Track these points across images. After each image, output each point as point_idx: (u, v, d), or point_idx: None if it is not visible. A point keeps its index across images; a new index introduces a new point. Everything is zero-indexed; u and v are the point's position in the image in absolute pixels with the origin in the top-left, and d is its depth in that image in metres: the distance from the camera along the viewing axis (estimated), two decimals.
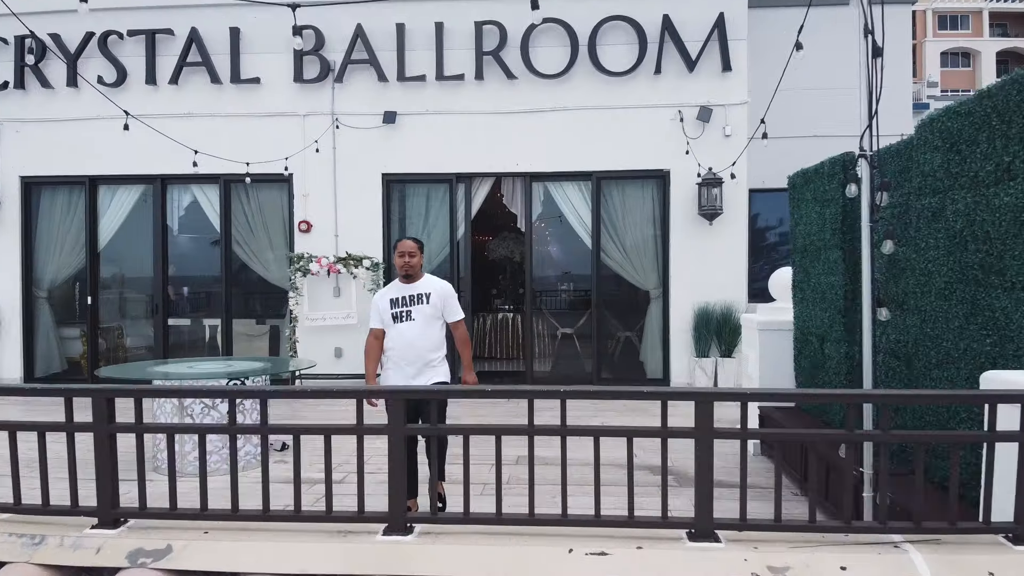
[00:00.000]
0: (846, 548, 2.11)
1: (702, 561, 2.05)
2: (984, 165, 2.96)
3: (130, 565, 2.14)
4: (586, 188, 8.62)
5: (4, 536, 2.27)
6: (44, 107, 8.98)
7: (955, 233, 3.18)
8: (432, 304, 4.20)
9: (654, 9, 8.26)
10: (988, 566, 2.04)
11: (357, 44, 8.51)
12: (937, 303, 3.36)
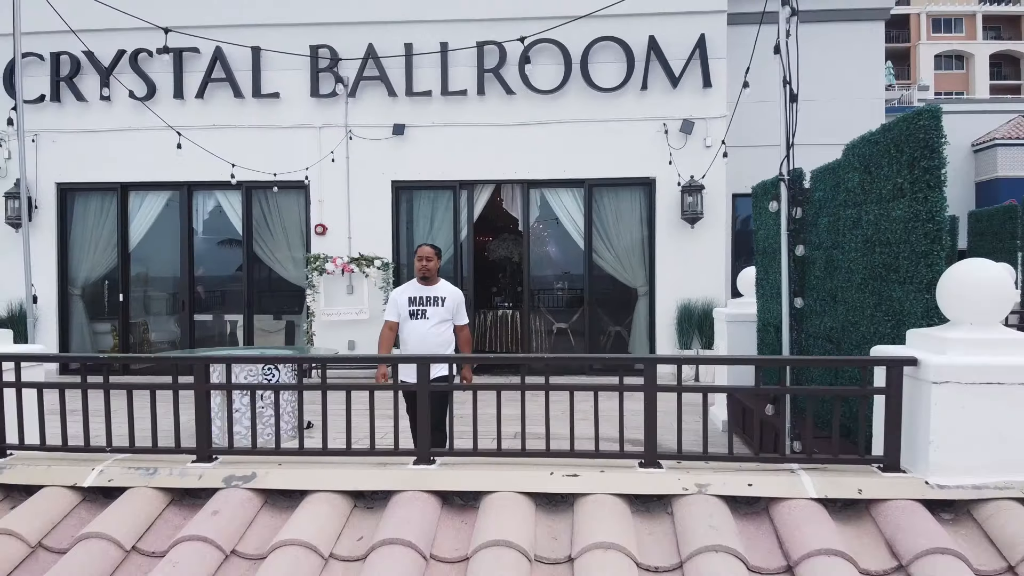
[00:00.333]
0: (755, 472, 2.86)
1: (647, 480, 2.81)
2: (885, 184, 3.71)
3: (225, 486, 2.89)
4: (579, 194, 9.38)
5: (126, 468, 3.03)
6: (78, 119, 9.74)
7: (867, 239, 3.93)
8: (446, 307, 4.95)
9: (641, 30, 9.02)
10: (858, 485, 2.79)
11: (369, 62, 9.27)
12: (856, 295, 4.11)
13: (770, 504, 2.76)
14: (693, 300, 9.01)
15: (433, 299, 4.96)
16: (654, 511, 2.77)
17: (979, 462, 2.76)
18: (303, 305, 9.68)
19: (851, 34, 11.28)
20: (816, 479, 2.83)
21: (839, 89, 11.26)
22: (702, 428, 3.04)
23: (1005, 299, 2.87)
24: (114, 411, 3.16)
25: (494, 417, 3.05)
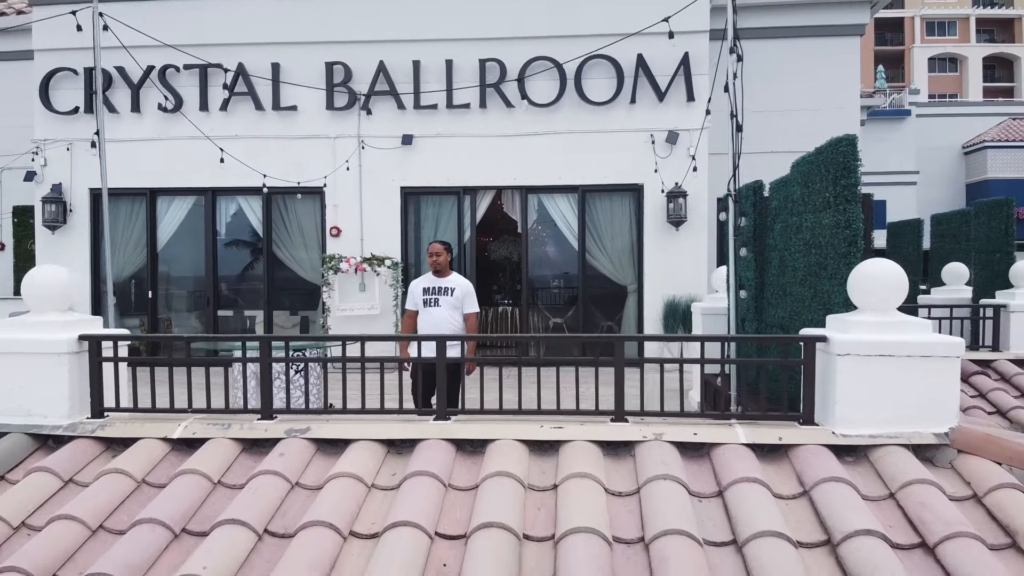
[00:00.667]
0: (701, 425, 3.66)
1: (616, 430, 3.60)
2: (818, 197, 4.50)
3: (287, 436, 3.69)
4: (573, 199, 10.17)
5: (205, 424, 3.82)
6: (110, 129, 10.49)
7: (806, 242, 4.72)
8: (456, 296, 5.75)
9: (630, 49, 9.81)
10: (779, 434, 3.59)
11: (380, 78, 10.06)
12: (799, 289, 4.90)
13: (711, 448, 3.55)
14: (678, 296, 9.80)
15: (445, 289, 5.76)
16: (620, 454, 3.56)
17: (874, 417, 3.56)
18: (317, 302, 10.47)
19: (828, 48, 12.08)
20: (747, 430, 3.63)
21: (818, 99, 12.06)
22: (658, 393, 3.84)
23: (898, 290, 3.67)
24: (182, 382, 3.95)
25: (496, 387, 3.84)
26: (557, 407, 3.77)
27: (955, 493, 3.24)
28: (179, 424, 3.83)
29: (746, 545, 2.89)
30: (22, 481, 3.49)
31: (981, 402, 6.41)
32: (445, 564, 2.88)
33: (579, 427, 3.64)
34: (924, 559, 2.88)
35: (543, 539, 3.01)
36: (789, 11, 11.94)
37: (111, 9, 10.36)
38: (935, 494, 3.15)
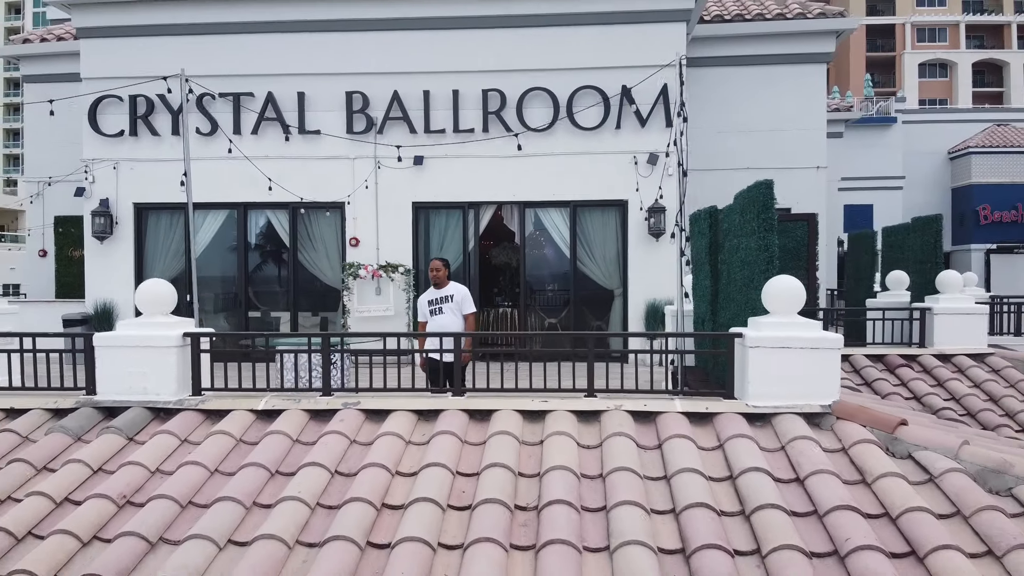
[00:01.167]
0: (651, 399, 4.93)
1: (587, 403, 4.88)
2: (749, 225, 5.77)
3: (343, 407, 4.96)
4: (565, 213, 11.43)
5: (282, 399, 5.09)
6: (152, 150, 11.78)
7: (743, 260, 5.99)
8: (455, 302, 7.02)
9: (615, 81, 11.07)
10: (707, 405, 4.86)
11: (394, 105, 11.31)
12: (739, 297, 6.16)
13: (656, 416, 4.83)
14: (658, 299, 11.05)
15: (445, 298, 7.04)
16: (590, 420, 4.84)
17: (777, 393, 4.83)
18: (337, 304, 11.72)
19: (797, 75, 13.36)
20: (684, 402, 4.91)
21: (787, 121, 13.33)
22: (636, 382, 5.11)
23: (796, 300, 4.94)
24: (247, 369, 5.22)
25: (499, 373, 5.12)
26: (544, 387, 5.05)
27: (829, 447, 4.52)
28: (261, 399, 5.11)
29: (672, 478, 4.17)
30: (150, 441, 4.76)
31: (902, 389, 7.69)
32: (463, 491, 4.16)
33: (560, 400, 4.92)
34: (796, 489, 4.15)
35: (532, 476, 4.28)
36: (761, 41, 13.21)
37: (154, 43, 11.66)
38: (812, 446, 4.43)
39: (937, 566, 3.43)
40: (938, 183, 41.68)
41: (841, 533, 3.65)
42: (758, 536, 3.69)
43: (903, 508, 3.80)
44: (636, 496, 3.92)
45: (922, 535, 3.61)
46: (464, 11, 11.18)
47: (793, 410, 4.79)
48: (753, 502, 3.89)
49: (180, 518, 4.00)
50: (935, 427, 4.76)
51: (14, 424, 5.00)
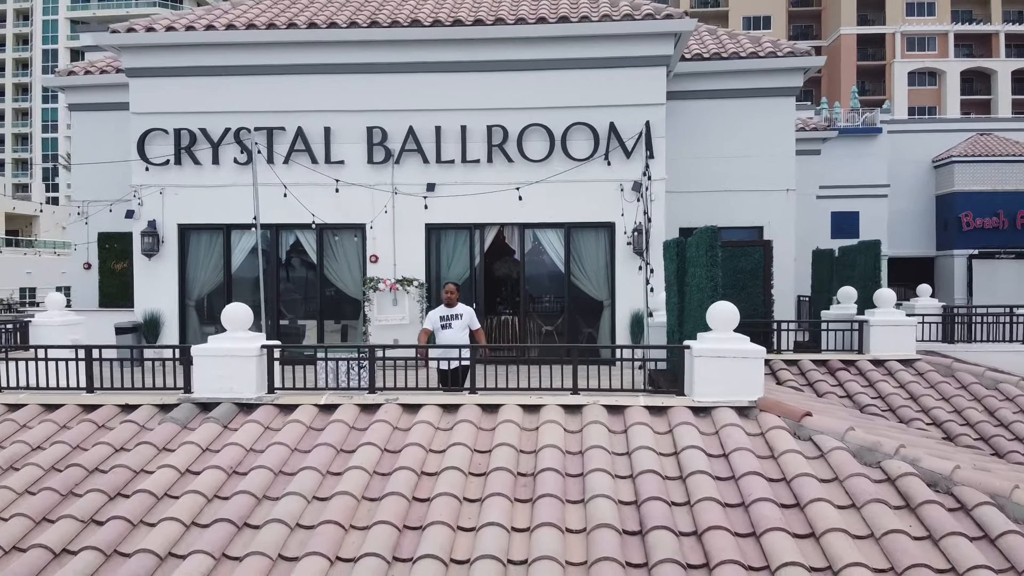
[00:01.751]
0: (621, 396, 6.46)
1: (572, 399, 6.41)
2: (700, 259, 7.29)
3: (385, 402, 6.48)
4: (560, 233, 12.95)
5: (338, 396, 6.62)
6: (195, 177, 13.28)
7: (699, 285, 7.50)
8: (463, 320, 8.55)
9: (604, 117, 12.58)
10: (663, 401, 6.39)
11: (409, 139, 12.83)
12: (697, 314, 7.67)
13: (624, 408, 6.35)
14: (642, 310, 12.55)
15: (455, 315, 8.57)
16: (574, 412, 6.36)
17: (716, 391, 6.35)
18: (358, 313, 13.23)
19: (768, 107, 14.87)
20: (646, 398, 6.43)
21: (759, 148, 14.84)
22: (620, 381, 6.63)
23: (730, 320, 6.46)
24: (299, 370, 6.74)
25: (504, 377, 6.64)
26: (540, 386, 6.58)
27: (751, 431, 6.05)
28: (322, 395, 6.64)
29: (632, 454, 5.70)
30: (241, 428, 6.28)
31: (839, 388, 9.21)
32: (479, 463, 5.68)
33: (552, 397, 6.46)
34: (722, 461, 5.67)
35: (529, 452, 5.81)
36: (736, 77, 14.72)
37: (196, 82, 13.16)
38: (738, 431, 5.95)
39: (812, 513, 4.95)
40: (923, 191, 43.22)
41: (748, 491, 5.17)
42: (689, 493, 5.22)
43: (795, 474, 5.33)
44: (605, 466, 5.45)
45: (805, 493, 5.14)
46: (471, 56, 12.69)
47: (727, 404, 6.32)
48: (688, 470, 5.42)
49: (275, 483, 5.52)
50: (833, 417, 6.28)
51: (132, 416, 6.52)
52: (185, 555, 4.71)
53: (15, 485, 5.54)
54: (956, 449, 6.95)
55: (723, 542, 4.62)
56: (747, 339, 6.44)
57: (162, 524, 4.99)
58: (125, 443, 6.12)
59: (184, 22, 13.01)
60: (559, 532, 4.75)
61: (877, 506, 4.95)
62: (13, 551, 4.89)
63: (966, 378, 9.17)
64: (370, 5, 13.54)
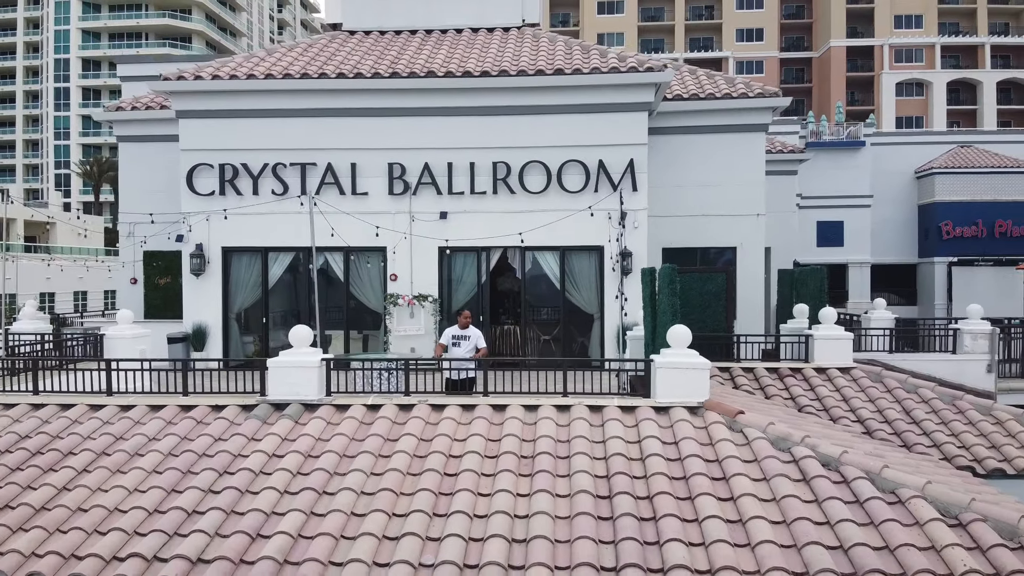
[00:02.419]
0: (601, 398, 8.39)
1: (563, 400, 8.34)
2: (665, 288, 9.19)
3: (418, 403, 8.40)
4: (556, 255, 14.86)
5: (381, 398, 8.54)
6: (237, 206, 15.18)
7: (663, 308, 9.40)
8: (471, 341, 10.48)
9: (594, 156, 14.48)
10: (633, 402, 8.31)
11: (424, 173, 14.73)
12: (663, 331, 9.57)
13: (603, 408, 8.27)
14: (627, 323, 14.46)
15: (465, 337, 10.50)
16: (564, 410, 8.28)
17: (672, 394, 8.27)
18: (379, 324, 15.14)
19: (741, 141, 16.75)
20: (619, 400, 8.36)
21: (733, 176, 16.71)
22: (605, 385, 8.54)
23: (684, 340, 8.38)
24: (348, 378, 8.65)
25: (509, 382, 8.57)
26: (537, 390, 8.50)
27: (697, 425, 7.96)
28: (368, 397, 8.56)
29: (606, 441, 7.62)
30: (309, 423, 8.19)
31: (785, 392, 11.12)
32: (492, 448, 7.59)
33: (547, 398, 8.38)
34: (673, 447, 7.58)
35: (529, 440, 7.72)
36: (713, 115, 16.61)
37: (238, 123, 15.06)
38: (687, 425, 7.87)
39: (733, 484, 6.86)
40: (906, 200, 45.20)
41: (689, 469, 7.09)
42: (647, 470, 7.13)
43: (725, 456, 7.25)
44: (585, 450, 7.37)
45: (730, 469, 7.05)
46: (478, 102, 14.61)
47: (681, 404, 8.24)
48: (647, 453, 7.34)
49: (340, 463, 7.44)
50: (761, 415, 8.19)
51: (222, 414, 8.44)
52: (284, 513, 6.62)
53: (145, 466, 7.45)
54: (862, 440, 8.89)
55: (667, 504, 6.53)
56: (697, 354, 8.36)
57: (264, 492, 6.90)
58: (221, 434, 8.03)
59: (227, 70, 14.93)
60: (551, 496, 6.67)
61: (781, 479, 6.86)
62: (155, 513, 6.79)
63: (891, 383, 11.09)
64: (389, 55, 15.47)
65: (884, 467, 6.94)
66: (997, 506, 6.41)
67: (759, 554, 5.91)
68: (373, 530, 6.26)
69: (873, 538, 6.09)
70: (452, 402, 8.39)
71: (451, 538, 6.14)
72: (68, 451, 7.78)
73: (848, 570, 5.76)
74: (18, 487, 7.17)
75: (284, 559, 6.01)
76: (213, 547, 6.20)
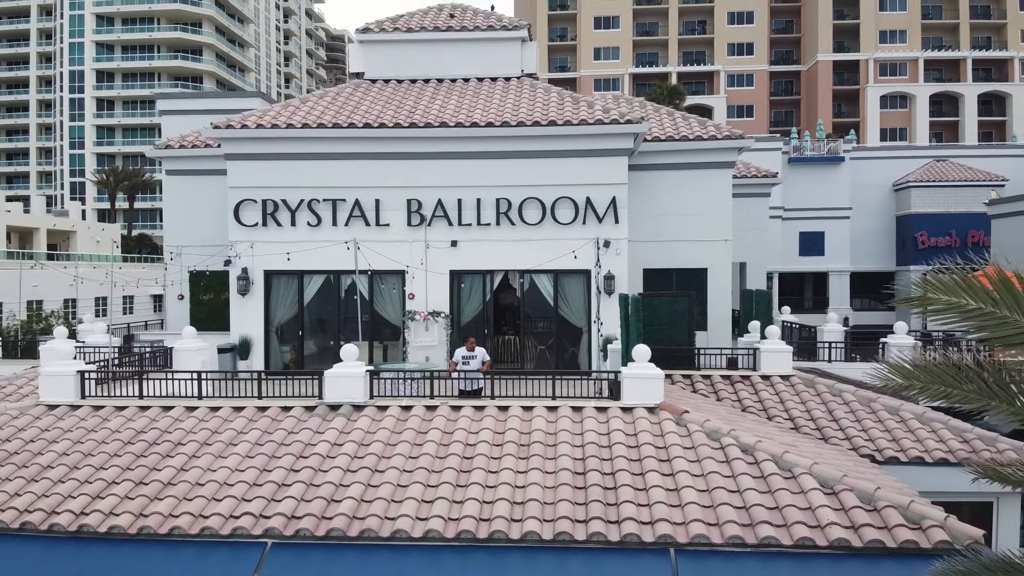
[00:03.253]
0: (580, 401, 10.96)
1: (552, 402, 10.90)
2: (633, 315, 11.74)
3: (441, 404, 10.96)
4: (550, 277, 17.40)
5: (411, 400, 11.10)
6: (277, 235, 17.70)
7: (632, 330, 11.94)
8: (477, 360, 13.07)
9: (582, 193, 17.02)
10: (606, 404, 10.88)
11: (438, 207, 17.27)
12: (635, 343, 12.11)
13: (582, 408, 10.83)
14: (611, 336, 17.00)
15: (472, 356, 13.11)
16: (553, 410, 10.84)
17: (636, 398, 10.83)
18: (398, 337, 17.68)
19: (712, 176, 19.32)
20: (595, 402, 10.93)
21: (703, 207, 19.26)
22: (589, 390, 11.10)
23: (644, 356, 10.93)
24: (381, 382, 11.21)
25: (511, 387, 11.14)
26: (533, 394, 11.06)
27: (653, 421, 10.53)
28: (403, 400, 11.13)
29: (584, 433, 10.18)
30: (359, 419, 10.75)
31: (734, 396, 13.66)
32: (499, 438, 10.16)
33: (539, 401, 10.94)
34: (633, 437, 10.15)
35: (525, 432, 10.28)
36: (687, 154, 19.18)
37: (279, 164, 17.60)
38: (645, 421, 10.45)
39: (674, 463, 9.42)
40: (885, 211, 47.86)
41: (644, 453, 9.64)
42: (612, 453, 9.68)
43: (670, 444, 9.81)
44: (568, 439, 9.94)
45: (673, 453, 9.61)
46: (483, 148, 17.16)
47: (641, 405, 10.80)
48: (613, 441, 9.91)
49: (385, 449, 9.99)
50: (702, 413, 10.72)
51: (291, 413, 10.99)
52: (348, 485, 9.16)
53: (240, 452, 10.00)
54: (784, 433, 11.44)
55: (624, 477, 9.09)
56: (654, 367, 10.89)
57: (331, 470, 9.45)
58: (292, 428, 10.58)
59: (268, 119, 17.49)
60: (541, 473, 9.23)
61: (709, 460, 9.42)
62: (254, 485, 9.32)
63: (821, 388, 13.64)
64: (407, 104, 18.06)
65: (785, 452, 9.50)
66: (861, 480, 8.97)
67: (686, 511, 8.47)
68: (414, 496, 8.82)
69: (768, 501, 8.64)
70: (467, 404, 10.95)
71: (470, 501, 8.69)
72: (178, 442, 10.33)
73: (747, 522, 8.31)
74: (146, 469, 9.72)
75: (353, 515, 8.57)
76: (301, 508, 8.75)
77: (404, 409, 11.02)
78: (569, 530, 8.23)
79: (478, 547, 8.24)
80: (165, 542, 8.52)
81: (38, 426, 10.86)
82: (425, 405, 11.03)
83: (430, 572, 8.06)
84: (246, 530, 8.47)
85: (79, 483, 9.40)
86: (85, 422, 10.94)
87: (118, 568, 8.35)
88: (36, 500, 9.10)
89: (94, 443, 10.33)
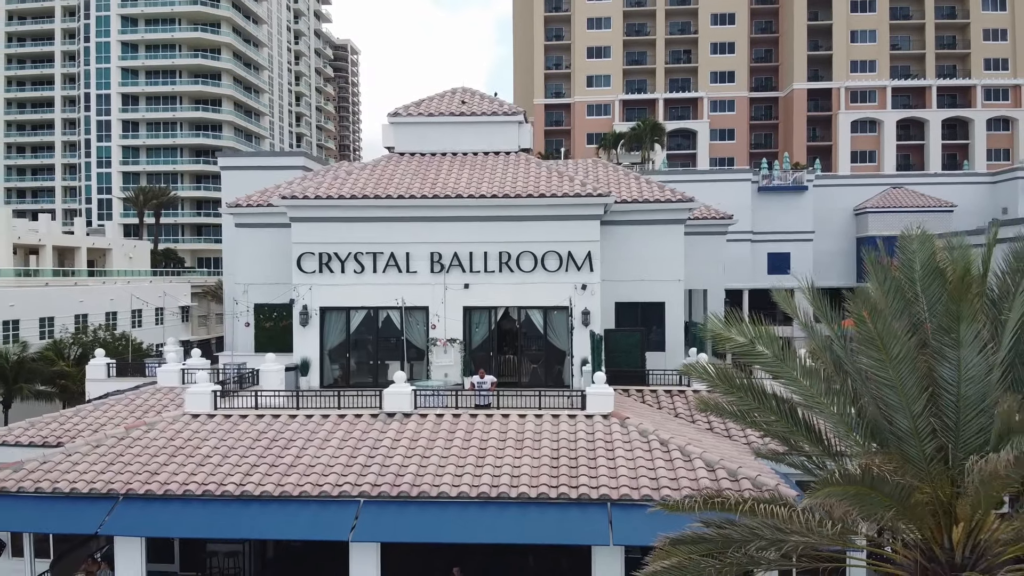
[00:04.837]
0: (559, 411, 16.20)
1: (539, 411, 16.15)
2: (597, 347, 16.95)
3: (461, 413, 16.18)
4: (541, 312, 22.61)
5: (441, 409, 16.34)
6: (330, 280, 22.88)
7: (596, 358, 17.14)
8: (486, 385, 18.31)
9: (565, 248, 22.21)
10: (576, 412, 16.12)
11: (454, 258, 22.48)
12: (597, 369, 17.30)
13: (559, 415, 16.06)
14: (586, 357, 22.17)
15: (483, 383, 18.35)
16: (540, 416, 16.06)
17: (596, 407, 16.07)
18: (422, 357, 22.89)
19: (668, 230, 24.55)
20: (569, 412, 16.19)
21: (660, 253, 24.49)
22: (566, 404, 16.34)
23: (602, 379, 16.18)
24: None
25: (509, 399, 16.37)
26: (529, 405, 16.30)
27: (605, 424, 15.77)
28: (436, 410, 16.38)
29: (558, 434, 15.44)
30: (408, 423, 16.00)
31: (671, 405, 18.88)
32: (502, 437, 15.41)
33: (530, 410, 16.20)
34: (591, 434, 15.38)
35: (521, 432, 15.52)
36: (648, 213, 24.43)
37: (331, 224, 22.81)
38: (601, 424, 15.71)
39: (616, 451, 14.68)
40: (846, 233, 53.26)
41: (596, 446, 14.89)
42: (576, 447, 14.93)
43: (615, 439, 15.07)
44: (548, 438, 15.19)
45: (616, 446, 14.86)
46: (488, 213, 22.37)
47: (599, 413, 16.04)
48: (578, 438, 15.16)
49: (428, 443, 15.23)
50: (639, 417, 15.91)
51: (361, 419, 16.23)
52: (408, 464, 14.41)
53: (334, 444, 15.21)
54: (698, 432, 16.68)
55: (584, 459, 14.33)
56: (608, 387, 16.08)
57: (395, 456, 14.69)
58: (365, 429, 15.81)
59: (323, 190, 22.74)
60: (531, 456, 14.47)
61: (637, 448, 14.67)
62: (349, 464, 14.55)
63: None
64: (429, 175, 23.32)
65: (687, 444, 14.75)
66: (733, 463, 14.22)
67: (619, 480, 13.72)
68: (450, 472, 14.08)
69: (670, 475, 13.90)
70: (480, 412, 16.18)
71: (485, 475, 13.95)
72: (289, 438, 15.57)
73: (655, 487, 13.56)
74: (274, 456, 14.95)
75: (412, 484, 13.81)
76: (380, 480, 14.00)
77: (438, 416, 16.25)
78: (547, 492, 13.48)
79: (490, 502, 13.50)
80: (297, 501, 13.78)
81: (191, 429, 16.12)
82: (452, 413, 16.25)
83: (462, 517, 13.32)
84: (348, 493, 13.74)
85: (233, 465, 14.66)
86: (222, 426, 16.20)
87: (269, 514, 13.61)
88: (208, 476, 14.35)
89: (234, 440, 15.59)
